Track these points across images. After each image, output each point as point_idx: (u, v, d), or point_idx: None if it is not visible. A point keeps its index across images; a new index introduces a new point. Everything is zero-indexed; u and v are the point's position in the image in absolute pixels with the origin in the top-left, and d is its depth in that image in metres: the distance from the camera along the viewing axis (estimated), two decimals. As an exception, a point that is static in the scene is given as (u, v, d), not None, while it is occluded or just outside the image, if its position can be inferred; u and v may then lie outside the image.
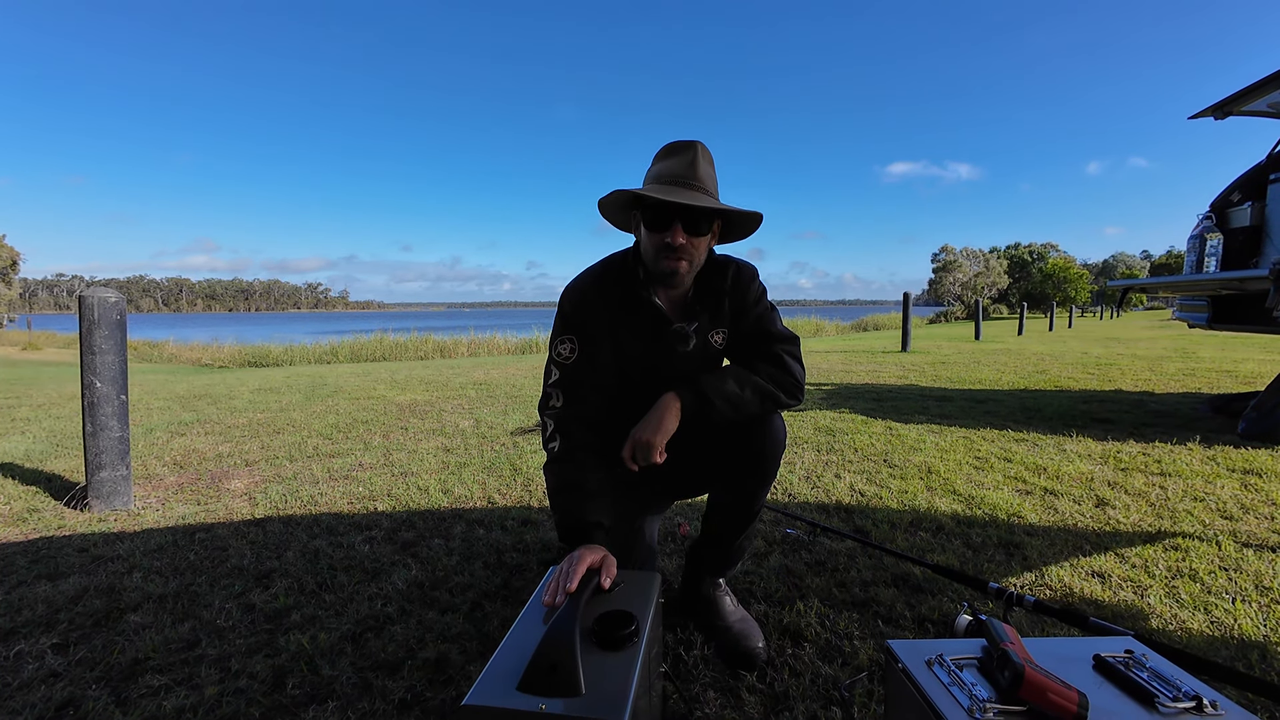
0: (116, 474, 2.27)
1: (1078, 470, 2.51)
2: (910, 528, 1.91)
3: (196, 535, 1.95)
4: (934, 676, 0.76)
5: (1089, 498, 2.17)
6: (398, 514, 2.14)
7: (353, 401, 4.84)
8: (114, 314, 2.26)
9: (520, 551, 1.78)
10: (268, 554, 1.79)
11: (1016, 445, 2.95)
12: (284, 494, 2.39)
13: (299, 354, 14.27)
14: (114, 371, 2.26)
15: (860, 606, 1.41)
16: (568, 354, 1.17)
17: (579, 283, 1.21)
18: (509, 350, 14.52)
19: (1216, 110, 3.99)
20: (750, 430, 1.17)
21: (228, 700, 1.11)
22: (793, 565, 1.63)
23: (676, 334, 1.21)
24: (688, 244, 1.11)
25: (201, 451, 3.15)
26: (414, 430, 3.61)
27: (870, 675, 1.15)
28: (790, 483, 2.41)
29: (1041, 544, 1.76)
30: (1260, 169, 4.09)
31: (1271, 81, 3.50)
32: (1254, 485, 2.28)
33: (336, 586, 1.57)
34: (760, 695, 1.11)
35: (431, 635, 1.32)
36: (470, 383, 5.95)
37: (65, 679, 1.19)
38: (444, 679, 1.17)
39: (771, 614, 1.39)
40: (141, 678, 1.19)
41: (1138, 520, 1.95)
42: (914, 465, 2.61)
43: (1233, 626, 1.31)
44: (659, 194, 1.05)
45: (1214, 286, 3.60)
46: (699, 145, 1.12)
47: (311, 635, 1.32)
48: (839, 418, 3.71)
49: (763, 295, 1.28)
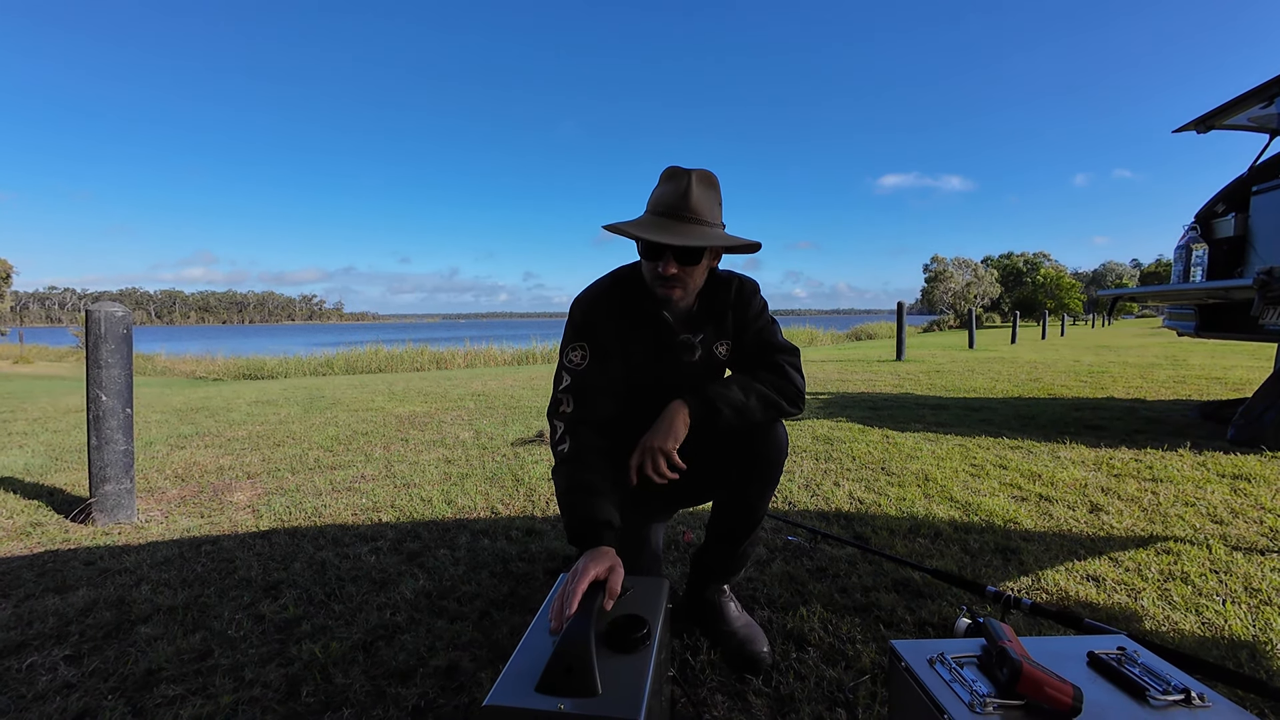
0: (121, 487, 2.28)
1: (1072, 476, 2.55)
2: (909, 534, 1.95)
3: (202, 548, 1.97)
4: (936, 674, 0.79)
5: (1083, 503, 2.21)
6: (402, 525, 2.15)
7: (352, 413, 4.85)
8: (120, 328, 2.28)
9: (526, 560, 1.80)
10: (275, 565, 1.80)
11: (1011, 452, 3.00)
12: (288, 506, 2.41)
13: (294, 366, 14.23)
14: (119, 385, 2.28)
15: (862, 611, 1.45)
16: (579, 360, 1.20)
17: (590, 293, 1.25)
18: (506, 361, 14.54)
19: (1199, 124, 4.10)
20: (753, 436, 1.21)
21: (243, 709, 1.13)
22: (794, 572, 1.66)
23: (683, 345, 1.25)
24: (680, 273, 1.15)
25: (202, 464, 3.15)
26: (414, 442, 3.63)
27: (873, 678, 1.18)
28: (790, 491, 2.44)
29: (1037, 549, 1.79)
30: (1243, 181, 4.20)
31: (1253, 96, 3.61)
32: (1243, 490, 2.33)
33: (345, 597, 1.59)
34: (766, 698, 1.14)
35: (441, 643, 1.34)
36: (469, 394, 5.97)
37: (80, 690, 1.20)
38: (455, 686, 1.19)
39: (775, 619, 1.42)
40: (156, 688, 1.20)
41: (1130, 525, 1.99)
42: (911, 473, 2.65)
43: (1223, 627, 1.34)
44: (644, 233, 1.09)
45: (1200, 296, 3.67)
46: (694, 173, 1.14)
47: (323, 644, 1.34)
48: (836, 426, 3.75)
49: (764, 309, 1.32)
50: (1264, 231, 3.91)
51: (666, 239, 1.08)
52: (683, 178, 1.13)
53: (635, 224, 1.14)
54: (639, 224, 1.13)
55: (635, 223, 1.14)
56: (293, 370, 13.93)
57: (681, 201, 1.12)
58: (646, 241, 1.12)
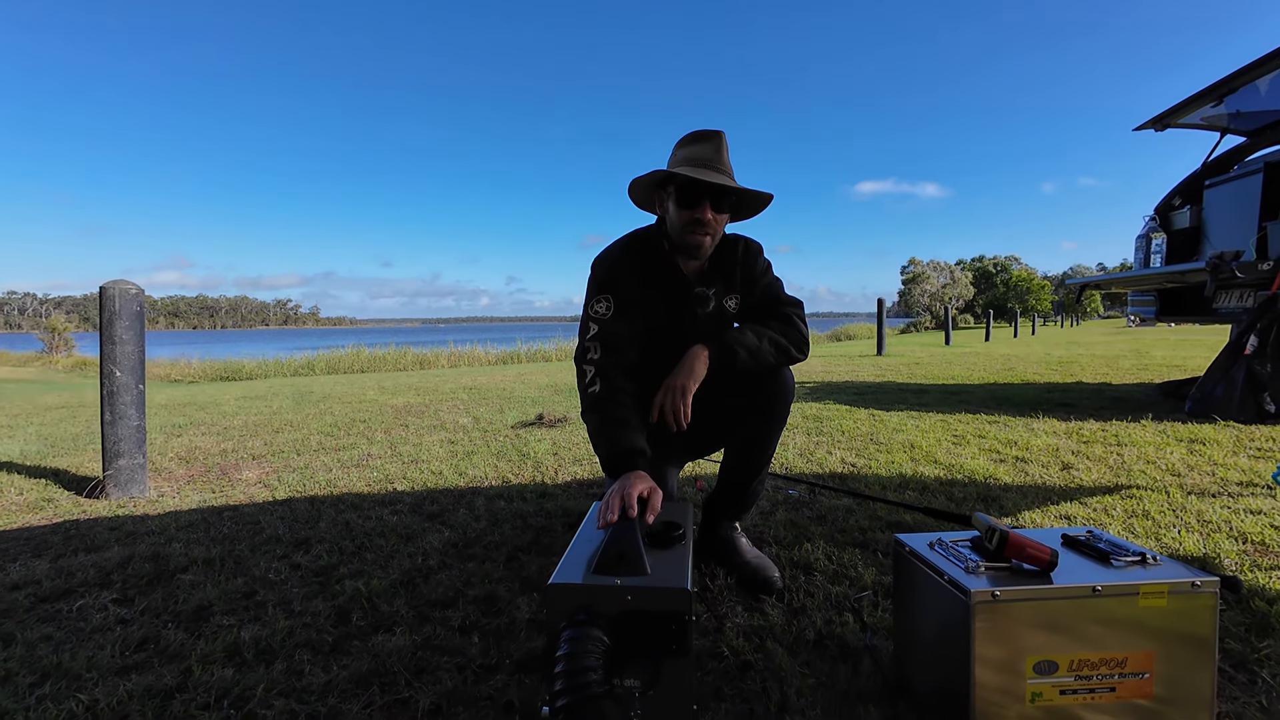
0: (134, 462, 2.32)
1: (1045, 443, 2.74)
2: (899, 489, 2.10)
3: (224, 514, 2.02)
4: (935, 552, 0.93)
5: (1055, 463, 2.39)
6: (418, 492, 2.23)
7: (345, 405, 4.87)
8: (134, 305, 2.32)
9: (544, 516, 1.90)
10: (300, 525, 1.87)
11: (989, 426, 3.18)
12: (301, 480, 2.46)
13: (273, 368, 14.00)
14: (133, 361, 2.32)
15: (860, 546, 1.58)
16: (604, 311, 1.31)
17: (610, 252, 1.37)
18: (491, 362, 14.51)
19: (1156, 123, 4.38)
20: (765, 379, 1.33)
21: (300, 631, 1.21)
22: (796, 519, 1.79)
23: (698, 297, 1.37)
24: (713, 220, 1.28)
25: (204, 449, 3.18)
26: (414, 427, 3.69)
27: (875, 592, 1.31)
28: (787, 458, 2.58)
29: (1015, 497, 1.95)
30: (1197, 176, 4.50)
31: (1202, 97, 3.88)
32: (1198, 450, 2.53)
33: (375, 548, 1.67)
34: (781, 610, 1.26)
35: (476, 578, 1.44)
36: (460, 388, 6.01)
37: (136, 624, 1.27)
38: (495, 610, 1.29)
39: (783, 554, 1.54)
40: (211, 619, 1.28)
41: (1098, 478, 2.17)
42: (898, 442, 2.81)
43: (1178, 549, 1.51)
44: (695, 174, 1.22)
45: (1160, 281, 3.93)
46: (722, 135, 1.29)
47: (364, 582, 1.43)
48: (825, 408, 3.91)
49: (769, 267, 1.45)
50: (1216, 222, 4.20)
51: (716, 179, 1.20)
52: (714, 138, 1.26)
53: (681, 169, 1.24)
54: (687, 170, 1.24)
55: (674, 170, 1.25)
56: (272, 372, 13.71)
57: (716, 156, 1.25)
58: (694, 183, 1.23)
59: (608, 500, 1.06)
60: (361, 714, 0.96)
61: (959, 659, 0.82)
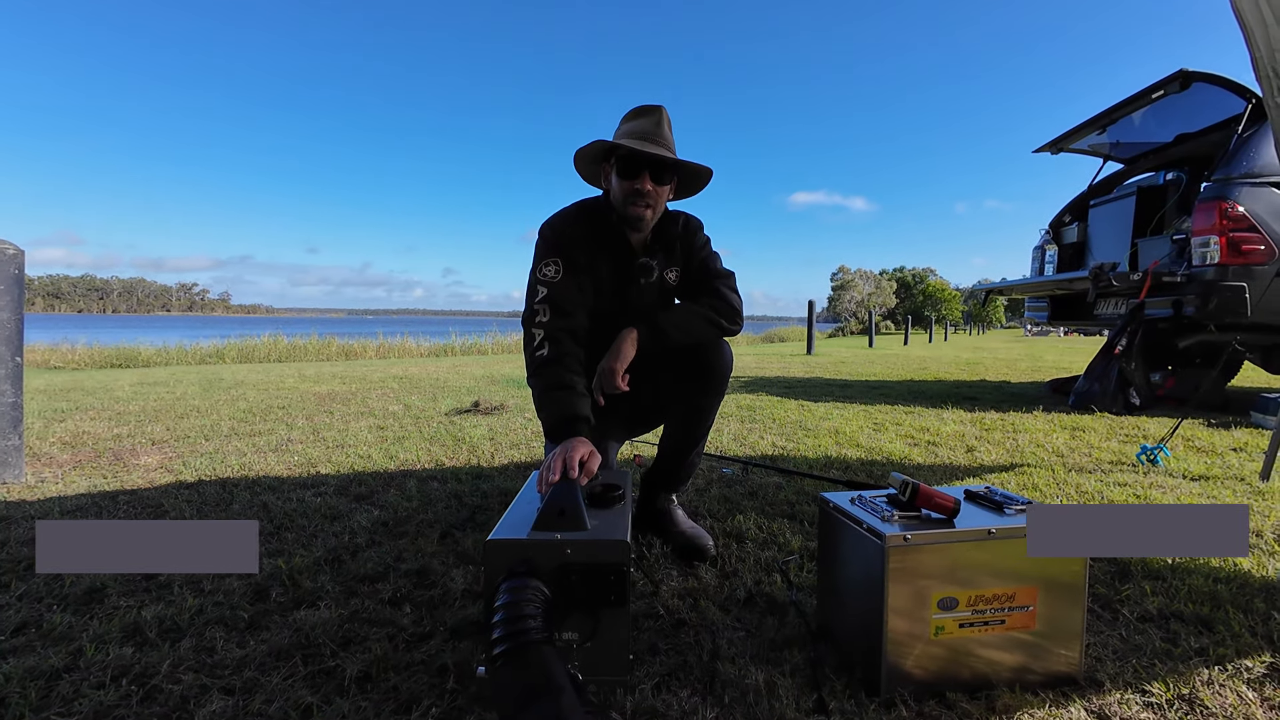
0: (9, 443, 2.07)
1: (952, 430, 2.98)
2: (824, 468, 2.22)
3: (119, 498, 1.85)
4: (856, 506, 1.00)
5: (961, 447, 2.61)
6: (343, 475, 2.13)
7: (261, 391, 4.55)
8: (11, 267, 2.07)
9: (480, 495, 1.87)
10: (210, 509, 1.74)
11: (905, 415, 3.42)
12: (210, 464, 2.28)
13: (176, 356, 12.78)
14: (8, 331, 2.07)
15: (789, 518, 1.66)
16: (553, 274, 1.31)
17: (560, 216, 1.37)
18: (423, 354, 13.94)
19: (1052, 146, 4.85)
20: (703, 351, 1.38)
21: (211, 609, 1.13)
22: (729, 494, 1.86)
23: (642, 267, 1.40)
24: (653, 191, 1.30)
25: (94, 434, 2.87)
26: (340, 414, 3.50)
27: (801, 556, 1.39)
28: (721, 443, 2.66)
29: (927, 475, 2.12)
30: (1084, 197, 5.03)
31: (1089, 125, 4.34)
32: (1079, 436, 2.85)
33: (296, 528, 1.58)
34: (714, 574, 1.31)
35: (409, 554, 1.40)
36: (390, 377, 5.76)
37: (13, 609, 1.14)
38: (429, 583, 1.26)
39: (717, 525, 1.60)
40: (106, 601, 1.17)
41: (996, 459, 2.39)
42: (824, 429, 2.98)
43: (1060, 515, 1.70)
44: (634, 145, 1.24)
45: (1050, 287, 4.37)
46: (663, 109, 1.32)
47: (285, 560, 1.35)
48: (757, 399, 4.06)
49: (707, 242, 1.51)
50: (1098, 237, 4.72)
51: (653, 150, 1.23)
52: (655, 112, 1.29)
53: (623, 140, 1.26)
54: (627, 140, 1.26)
55: (616, 142, 1.27)
56: (174, 360, 12.51)
57: (657, 130, 1.27)
58: (634, 154, 1.25)
59: (549, 463, 1.06)
60: (283, 685, 0.92)
61: (874, 599, 0.89)
